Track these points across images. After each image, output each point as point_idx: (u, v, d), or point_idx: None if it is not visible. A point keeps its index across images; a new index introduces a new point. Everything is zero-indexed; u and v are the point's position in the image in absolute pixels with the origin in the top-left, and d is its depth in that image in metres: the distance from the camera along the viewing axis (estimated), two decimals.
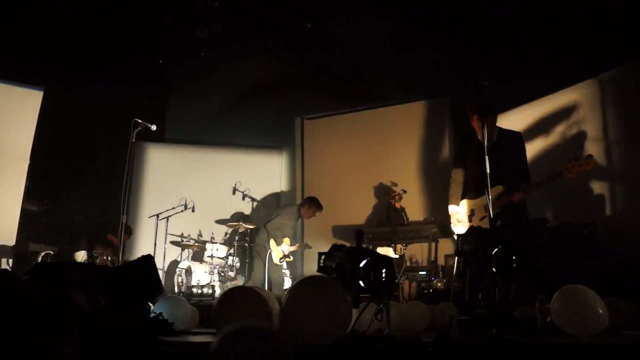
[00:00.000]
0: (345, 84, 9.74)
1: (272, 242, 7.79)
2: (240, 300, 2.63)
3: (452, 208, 4.78)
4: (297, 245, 8.48)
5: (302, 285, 2.38)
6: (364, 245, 4.57)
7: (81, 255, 7.89)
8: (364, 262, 2.54)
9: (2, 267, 7.98)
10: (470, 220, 4.63)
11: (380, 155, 9.58)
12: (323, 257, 2.83)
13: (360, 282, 2.51)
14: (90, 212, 9.11)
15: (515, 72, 7.45)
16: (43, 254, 7.76)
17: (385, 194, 8.53)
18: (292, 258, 8.42)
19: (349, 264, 2.56)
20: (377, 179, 9.44)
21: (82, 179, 9.20)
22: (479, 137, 4.31)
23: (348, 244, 7.26)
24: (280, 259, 7.90)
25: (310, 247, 9.00)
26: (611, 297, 3.44)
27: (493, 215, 4.07)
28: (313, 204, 8.08)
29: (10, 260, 8.09)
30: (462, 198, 4.79)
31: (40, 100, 9.15)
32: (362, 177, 9.62)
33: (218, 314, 2.66)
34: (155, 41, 9.79)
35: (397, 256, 7.32)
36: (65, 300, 2.45)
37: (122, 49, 9.70)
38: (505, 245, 2.97)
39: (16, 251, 8.02)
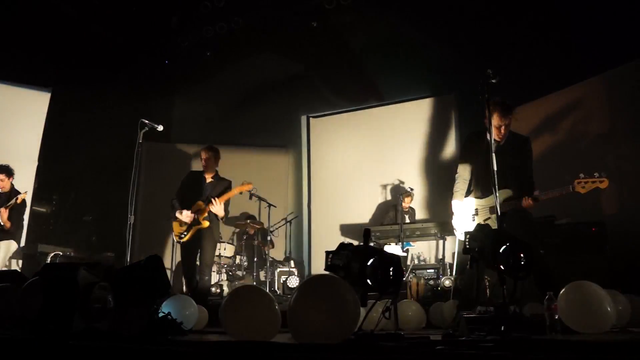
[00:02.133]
0: (351, 81, 9.74)
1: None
2: (248, 300, 2.63)
3: (456, 203, 4.78)
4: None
5: (310, 284, 2.39)
6: (372, 244, 4.57)
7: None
8: (371, 260, 2.54)
9: (12, 267, 8.04)
10: (473, 220, 4.63)
11: (386, 153, 9.58)
12: (330, 255, 2.84)
13: (368, 281, 2.51)
14: (98, 212, 9.16)
15: (522, 70, 7.44)
16: (52, 254, 7.81)
17: (399, 193, 8.52)
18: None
19: (356, 263, 2.56)
20: (384, 177, 9.45)
21: (90, 179, 9.24)
22: (489, 137, 4.31)
23: (356, 243, 7.27)
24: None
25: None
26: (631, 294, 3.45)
27: (492, 219, 4.07)
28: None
29: (20, 261, 8.14)
30: (467, 195, 4.79)
31: (47, 101, 9.22)
32: (369, 175, 9.62)
33: (226, 313, 2.67)
34: (161, 42, 9.81)
35: (404, 254, 7.32)
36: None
37: (128, 50, 9.72)
38: (512, 243, 2.97)
39: (25, 252, 8.07)
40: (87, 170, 9.30)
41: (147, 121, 5.93)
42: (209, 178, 6.66)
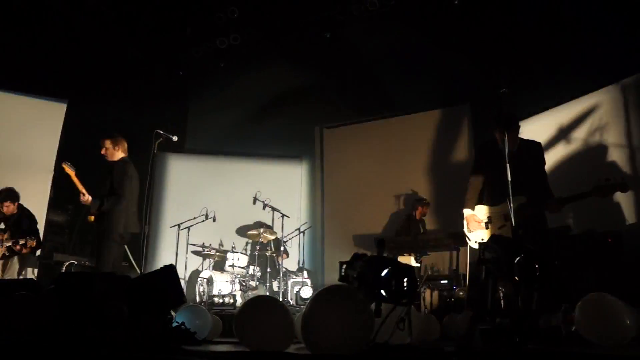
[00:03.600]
0: (364, 92, 9.76)
1: None
2: (262, 310, 2.63)
3: (467, 212, 4.77)
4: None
5: (324, 294, 2.38)
6: (385, 254, 4.56)
7: None
8: (385, 271, 2.53)
9: (28, 276, 8.10)
10: (487, 227, 4.61)
11: (400, 164, 9.56)
12: (344, 266, 2.83)
13: (382, 292, 2.50)
14: None
15: (535, 79, 7.41)
16: (67, 263, 7.86)
17: (414, 203, 8.50)
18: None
19: (370, 273, 2.55)
20: (397, 188, 9.43)
21: (105, 189, 9.30)
22: (503, 145, 4.30)
23: (369, 253, 7.23)
24: None
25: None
26: None
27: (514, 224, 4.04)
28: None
29: (36, 270, 8.21)
30: (478, 204, 4.78)
31: (64, 112, 9.32)
32: (382, 185, 9.59)
33: (240, 324, 2.67)
34: (176, 53, 9.90)
35: (418, 265, 7.29)
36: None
37: (142, 62, 9.82)
38: (527, 254, 2.95)
39: (41, 261, 8.14)
40: (100, 180, 9.37)
41: (161, 132, 5.99)
42: None
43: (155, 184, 6.24)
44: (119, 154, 6.36)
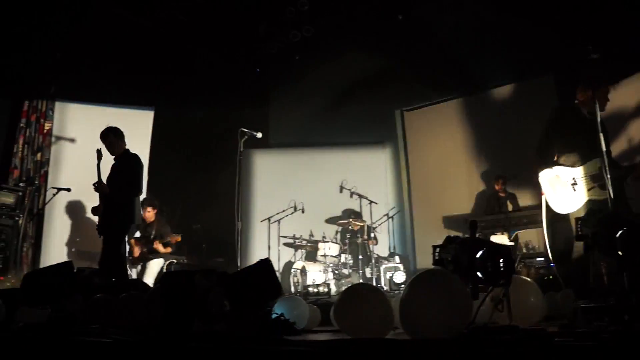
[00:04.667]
0: (442, 71, 9.53)
1: None
2: (361, 297, 2.66)
3: (549, 173, 4.58)
4: None
5: (420, 279, 2.38)
6: (478, 235, 4.45)
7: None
8: (480, 252, 2.49)
9: (132, 277, 8.55)
10: (574, 190, 4.40)
11: (484, 141, 9.32)
12: (438, 250, 2.80)
13: (478, 273, 2.46)
14: (206, 220, 9.55)
15: (624, 40, 6.97)
16: (167, 262, 8.24)
17: (493, 181, 8.30)
18: None
19: (465, 256, 2.51)
20: (483, 166, 9.20)
21: (196, 189, 9.67)
22: (586, 111, 4.11)
23: (460, 234, 7.10)
24: None
25: None
26: None
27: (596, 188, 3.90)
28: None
29: (135, 270, 8.66)
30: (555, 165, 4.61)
31: (151, 119, 9.73)
32: (468, 164, 9.40)
33: (339, 312, 2.71)
34: (251, 51, 10.08)
35: (511, 243, 7.09)
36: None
37: (220, 64, 10.08)
38: (630, 227, 2.79)
39: (143, 262, 8.57)
40: (193, 181, 9.74)
41: (246, 130, 6.12)
42: None
43: (243, 181, 6.38)
44: (122, 146, 6.34)
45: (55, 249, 8.68)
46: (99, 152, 6.19)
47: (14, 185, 8.37)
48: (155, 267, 8.02)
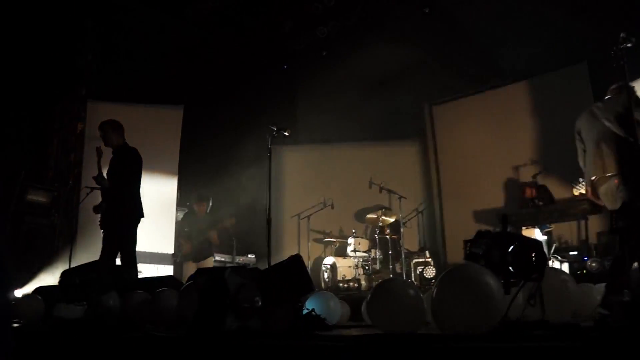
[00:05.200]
0: (470, 63, 9.42)
1: None
2: (393, 293, 2.66)
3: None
4: None
5: (452, 274, 2.37)
6: (509, 229, 4.40)
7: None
8: (512, 247, 2.47)
9: (165, 273, 8.68)
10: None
11: (515, 133, 9.17)
12: (469, 244, 2.79)
13: (510, 268, 2.44)
14: (236, 217, 9.64)
15: None
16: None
17: (525, 173, 8.20)
18: None
19: (496, 250, 2.50)
20: (515, 158, 9.05)
21: (227, 186, 9.75)
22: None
23: (492, 229, 7.01)
24: None
25: None
26: None
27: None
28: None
29: (172, 267, 8.79)
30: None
31: (181, 117, 9.84)
32: (499, 157, 9.27)
33: (372, 307, 2.72)
34: (278, 48, 10.12)
35: (544, 237, 6.99)
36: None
37: (248, 61, 10.14)
38: None
39: (176, 258, 8.70)
40: (223, 178, 9.83)
41: (274, 127, 6.15)
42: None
43: (273, 178, 6.41)
44: (119, 139, 6.29)
45: (90, 247, 8.85)
46: (98, 149, 6.19)
47: (49, 186, 8.57)
48: (210, 265, 8.10)
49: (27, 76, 8.25)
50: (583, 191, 4.33)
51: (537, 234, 6.82)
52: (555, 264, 6.07)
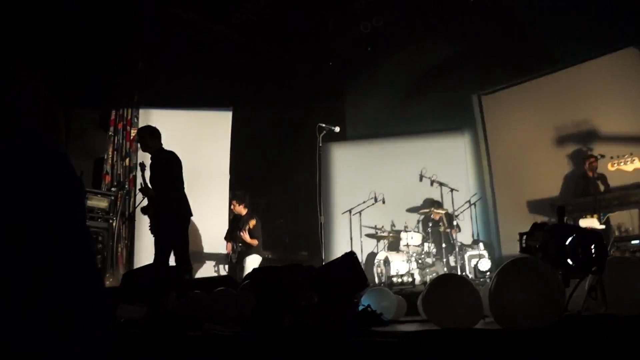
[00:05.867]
0: (519, 51, 9.22)
1: None
2: (450, 287, 2.65)
3: None
4: None
5: (510, 268, 2.34)
6: (566, 220, 4.31)
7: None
8: (569, 239, 2.42)
9: (221, 273, 8.86)
10: None
11: (569, 120, 8.94)
12: (525, 237, 2.75)
13: (569, 261, 2.39)
14: (288, 215, 9.74)
15: None
16: (262, 259, 8.50)
17: (583, 162, 7.97)
18: None
19: (553, 243, 2.45)
20: (569, 146, 8.84)
21: (277, 185, 9.86)
22: None
23: (547, 219, 6.88)
24: None
25: None
26: None
27: None
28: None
29: (226, 266, 8.95)
30: None
31: (230, 119, 9.99)
32: (552, 145, 9.06)
33: (428, 302, 2.71)
34: (323, 46, 10.14)
35: (602, 227, 6.79)
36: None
37: (293, 60, 10.21)
38: None
39: (231, 258, 8.85)
40: (273, 178, 9.94)
41: (324, 125, 6.18)
42: None
43: (323, 175, 6.45)
44: (156, 144, 6.37)
45: (148, 249, 9.10)
46: (141, 164, 6.51)
47: (106, 190, 8.86)
48: (250, 263, 8.25)
49: (84, 85, 8.54)
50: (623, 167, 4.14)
51: (595, 224, 6.64)
52: (615, 254, 5.87)
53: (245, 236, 8.25)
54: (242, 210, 8.62)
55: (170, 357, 3.15)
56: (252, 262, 8.27)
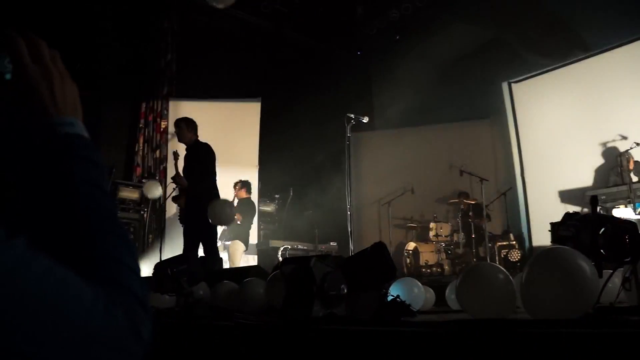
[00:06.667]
0: (549, 37, 9.02)
1: None
2: (483, 277, 2.63)
3: None
4: None
5: (542, 258, 2.31)
6: (599, 210, 4.24)
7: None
8: (603, 229, 2.38)
9: (251, 263, 8.92)
10: None
11: (602, 107, 8.74)
12: (557, 227, 2.71)
13: (602, 251, 2.35)
14: (317, 205, 9.76)
15: None
16: (282, 248, 8.52)
17: (617, 151, 7.81)
18: None
19: (586, 233, 2.41)
20: (602, 134, 8.64)
21: (306, 176, 9.88)
22: None
23: (579, 209, 6.77)
24: None
25: None
26: None
27: None
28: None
29: (255, 256, 9.02)
30: None
31: (259, 110, 10.03)
32: (584, 134, 8.88)
33: (462, 291, 2.69)
34: (351, 35, 10.11)
35: (638, 217, 6.65)
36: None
37: (321, 49, 10.20)
38: None
39: (259, 247, 8.93)
40: (302, 168, 9.96)
41: (352, 115, 6.16)
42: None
43: (352, 165, 6.44)
44: (192, 135, 6.45)
45: (178, 239, 9.22)
46: (175, 153, 6.58)
47: (137, 182, 8.98)
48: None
49: (114, 77, 8.66)
50: None
51: (630, 214, 6.51)
52: None
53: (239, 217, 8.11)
54: (243, 194, 8.56)
55: (201, 347, 3.19)
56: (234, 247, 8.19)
